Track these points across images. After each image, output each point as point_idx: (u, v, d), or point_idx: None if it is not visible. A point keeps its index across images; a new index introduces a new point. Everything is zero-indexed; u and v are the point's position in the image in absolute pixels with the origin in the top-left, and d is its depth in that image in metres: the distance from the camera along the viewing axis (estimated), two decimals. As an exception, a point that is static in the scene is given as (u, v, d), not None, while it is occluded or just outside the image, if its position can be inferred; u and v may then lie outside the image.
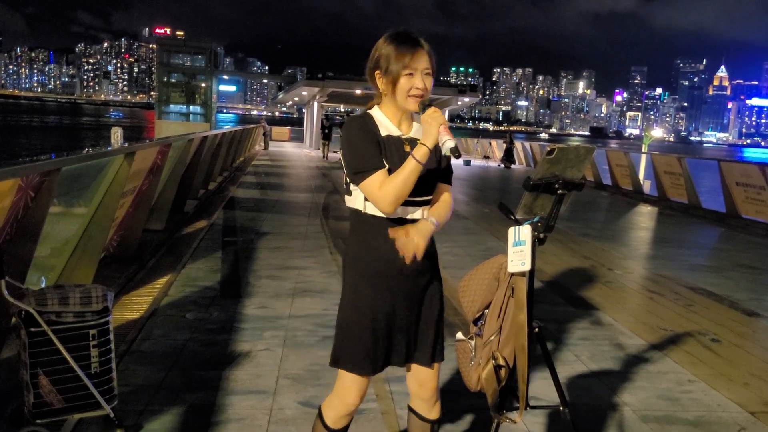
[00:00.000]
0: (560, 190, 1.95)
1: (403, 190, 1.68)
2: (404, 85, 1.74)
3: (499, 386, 1.99)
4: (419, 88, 1.74)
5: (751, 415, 2.96)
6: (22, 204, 2.86)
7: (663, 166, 12.56)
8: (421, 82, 1.74)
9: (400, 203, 1.71)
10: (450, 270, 5.48)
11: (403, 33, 1.78)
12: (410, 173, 1.67)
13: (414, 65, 1.73)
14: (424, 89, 1.75)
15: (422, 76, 1.75)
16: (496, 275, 2.03)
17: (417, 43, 1.75)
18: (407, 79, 1.74)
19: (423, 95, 1.75)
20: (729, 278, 5.91)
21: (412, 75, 1.74)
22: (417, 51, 1.74)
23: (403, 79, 1.74)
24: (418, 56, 1.74)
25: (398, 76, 1.73)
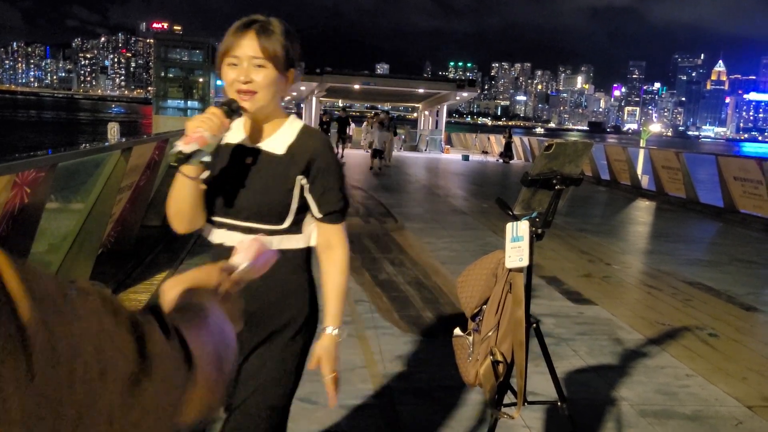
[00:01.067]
0: (558, 185, 1.94)
1: (175, 206, 1.40)
2: (226, 77, 1.40)
3: (497, 382, 1.99)
4: (241, 82, 1.37)
5: (749, 409, 2.97)
6: (18, 200, 2.84)
7: (661, 161, 12.56)
8: (245, 74, 1.37)
9: (183, 221, 1.43)
10: (448, 265, 5.48)
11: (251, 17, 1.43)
12: (177, 187, 1.38)
13: (237, 52, 1.38)
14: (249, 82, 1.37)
15: (251, 66, 1.37)
16: (494, 271, 2.03)
17: (248, 26, 1.40)
18: (228, 70, 1.39)
19: (252, 92, 1.37)
20: (727, 273, 5.91)
21: (234, 65, 1.38)
22: (244, 35, 1.38)
23: (224, 68, 1.40)
24: (245, 40, 1.37)
25: (220, 64, 1.41)
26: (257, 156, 1.45)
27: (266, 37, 1.38)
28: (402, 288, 4.74)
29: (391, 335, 3.70)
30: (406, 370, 3.21)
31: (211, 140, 1.29)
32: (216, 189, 1.44)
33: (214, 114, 1.31)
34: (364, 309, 4.17)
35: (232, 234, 1.44)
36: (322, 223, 1.51)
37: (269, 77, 1.38)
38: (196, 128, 1.28)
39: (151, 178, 5.72)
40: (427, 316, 4.08)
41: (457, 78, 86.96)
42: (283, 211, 1.44)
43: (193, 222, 1.45)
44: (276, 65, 1.38)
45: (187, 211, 1.42)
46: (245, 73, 1.37)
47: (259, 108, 1.41)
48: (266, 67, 1.38)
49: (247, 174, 1.44)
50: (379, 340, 3.60)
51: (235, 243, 1.29)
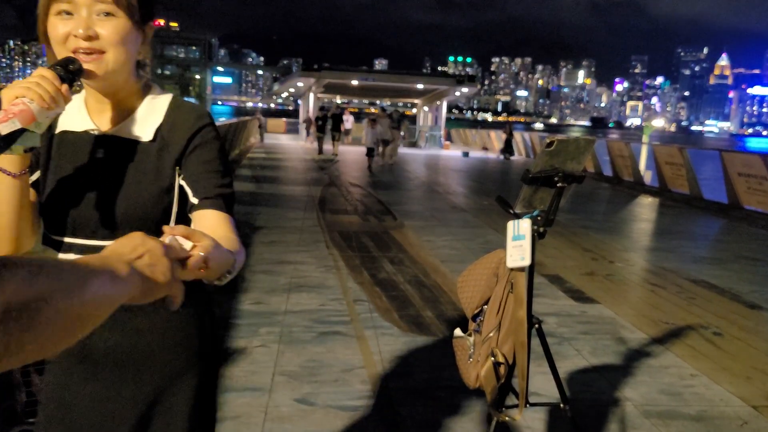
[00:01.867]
0: (560, 183, 1.89)
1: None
2: (55, 31, 0.97)
3: (498, 383, 1.94)
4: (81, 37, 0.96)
5: (754, 409, 2.92)
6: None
7: (664, 157, 12.49)
8: (85, 26, 0.96)
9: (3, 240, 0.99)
10: (448, 264, 5.44)
11: None
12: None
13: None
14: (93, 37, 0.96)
15: (91, 15, 0.97)
16: (495, 270, 1.98)
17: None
18: (59, 23, 0.97)
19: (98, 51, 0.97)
20: (731, 270, 5.86)
21: (69, 13, 0.97)
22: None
23: (51, 18, 0.98)
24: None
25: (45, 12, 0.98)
26: (114, 146, 1.05)
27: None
28: (401, 287, 4.69)
29: (390, 335, 3.66)
30: (406, 371, 3.17)
31: (39, 116, 0.86)
32: (58, 198, 1.04)
33: (43, 77, 0.88)
34: (363, 309, 4.12)
35: None
36: (202, 210, 1.06)
37: (122, 30, 0.98)
38: (17, 100, 0.86)
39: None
40: (427, 316, 4.04)
41: (456, 73, 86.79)
42: (161, 219, 1.05)
43: (19, 242, 1.00)
44: (130, 13, 0.99)
45: (7, 224, 0.97)
46: (86, 25, 0.95)
47: (109, 73, 0.99)
48: (116, 16, 0.98)
49: (102, 173, 1.04)
50: (379, 340, 3.55)
51: None
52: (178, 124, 1.08)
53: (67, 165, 1.05)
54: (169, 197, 1.06)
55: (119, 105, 1.07)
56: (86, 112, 1.08)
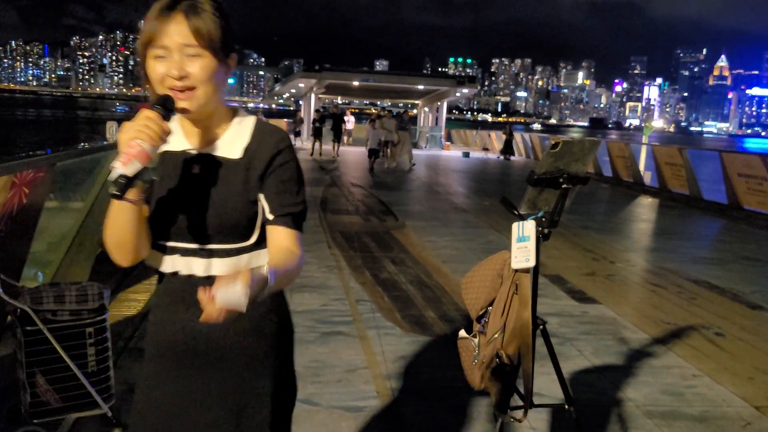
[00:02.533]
0: (565, 184, 1.90)
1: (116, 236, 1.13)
2: (154, 74, 1.12)
3: (503, 385, 1.95)
4: (174, 77, 1.10)
5: (756, 409, 2.93)
6: (17, 201, 2.81)
7: (664, 157, 12.50)
8: (177, 67, 1.10)
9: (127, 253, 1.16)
10: (450, 264, 5.45)
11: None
12: (113, 213, 1.11)
13: (164, 41, 1.10)
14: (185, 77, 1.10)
15: (182, 58, 1.10)
16: (500, 272, 1.99)
17: (172, 7, 1.11)
18: (156, 64, 1.11)
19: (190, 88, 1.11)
20: (732, 270, 5.87)
21: (163, 58, 1.11)
22: (169, 19, 1.10)
23: (150, 62, 1.12)
24: (171, 25, 1.10)
25: (143, 56, 1.13)
26: (208, 163, 1.19)
27: (197, 18, 1.10)
28: (403, 287, 4.70)
29: (393, 335, 3.67)
30: (409, 371, 3.18)
31: (152, 153, 1.03)
32: (162, 208, 1.18)
33: (149, 119, 1.04)
34: (365, 309, 4.13)
35: (189, 260, 1.19)
36: (275, 226, 1.19)
37: (208, 67, 1.12)
38: (132, 142, 1.01)
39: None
40: (429, 316, 4.05)
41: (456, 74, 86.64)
42: (248, 225, 1.19)
43: (140, 251, 1.17)
44: (214, 52, 1.12)
45: (132, 240, 1.13)
46: (178, 66, 1.10)
47: (201, 106, 1.14)
48: (203, 56, 1.11)
49: (198, 186, 1.18)
50: (381, 341, 3.56)
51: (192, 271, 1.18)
52: (263, 144, 1.21)
53: (169, 181, 1.19)
54: (254, 208, 1.20)
55: (211, 127, 1.21)
56: (182, 134, 1.22)
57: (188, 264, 1.19)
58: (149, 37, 1.11)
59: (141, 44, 1.12)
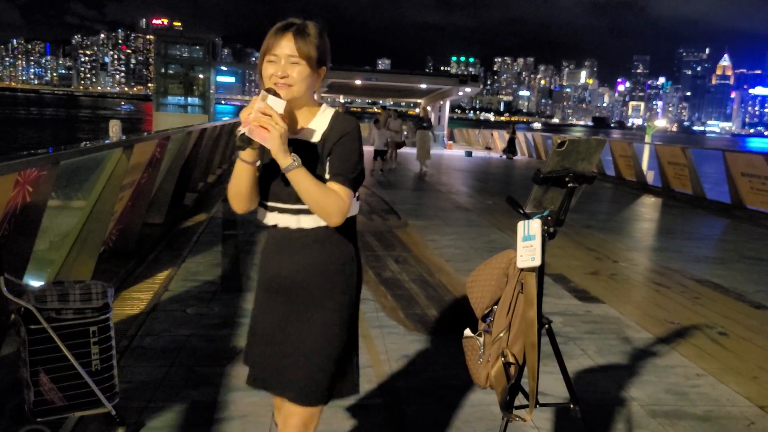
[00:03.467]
0: (571, 183, 1.89)
1: (235, 188, 1.59)
2: (265, 72, 1.59)
3: (508, 384, 1.95)
4: (278, 76, 1.56)
5: (761, 409, 2.92)
6: (20, 199, 2.81)
7: (667, 157, 12.48)
8: (282, 70, 1.56)
9: (241, 202, 1.62)
10: (454, 263, 5.44)
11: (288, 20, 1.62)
12: (236, 171, 1.58)
13: (275, 51, 1.58)
14: (286, 77, 1.56)
15: (287, 64, 1.56)
16: (505, 270, 1.98)
17: (286, 28, 1.59)
18: (268, 66, 1.59)
19: (288, 85, 1.57)
20: (735, 270, 5.86)
21: (273, 62, 1.58)
22: (282, 36, 1.58)
23: (264, 64, 1.59)
24: (283, 41, 1.57)
25: (261, 61, 1.61)
26: (297, 146, 1.58)
27: (302, 39, 1.57)
28: (406, 286, 4.70)
29: (396, 334, 3.66)
30: (412, 369, 3.17)
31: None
32: (267, 177, 1.63)
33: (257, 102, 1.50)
34: (369, 308, 4.13)
35: (284, 216, 1.63)
36: (330, 182, 1.58)
37: (303, 73, 1.58)
38: (248, 116, 1.48)
39: (152, 175, 5.68)
40: (432, 315, 4.04)
41: (459, 73, 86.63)
42: None
43: (250, 203, 1.64)
44: (309, 63, 1.58)
45: (245, 193, 1.60)
46: (282, 69, 1.56)
47: (293, 98, 1.58)
48: (300, 65, 1.57)
49: None
50: (385, 339, 3.56)
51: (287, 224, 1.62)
52: (335, 128, 1.63)
53: (270, 157, 1.55)
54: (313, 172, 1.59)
55: (300, 118, 1.66)
56: None
57: (284, 219, 1.63)
58: (267, 47, 1.58)
59: (261, 52, 1.61)
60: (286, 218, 1.62)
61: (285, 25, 1.58)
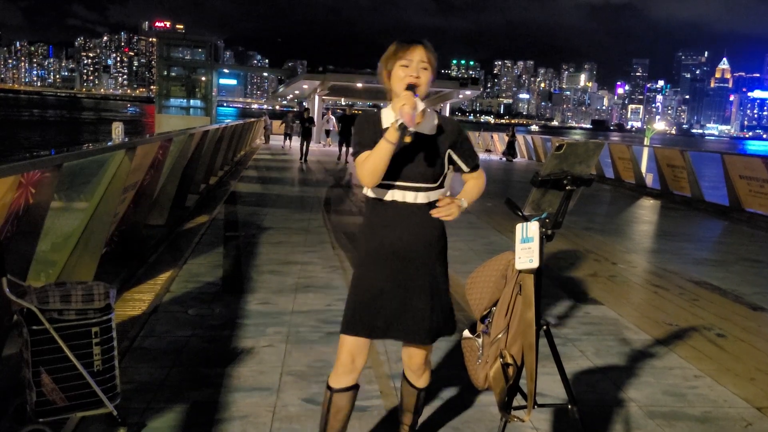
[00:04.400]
0: (569, 185, 1.91)
1: (375, 166, 1.87)
2: (399, 74, 1.93)
3: (507, 385, 1.97)
4: (412, 77, 1.90)
5: (758, 410, 2.94)
6: (23, 201, 2.83)
7: (666, 159, 12.51)
8: (416, 71, 1.91)
9: (375, 178, 1.90)
10: (453, 265, 5.41)
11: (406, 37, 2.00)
12: (380, 150, 1.85)
13: (409, 57, 1.93)
14: (418, 77, 1.90)
15: (418, 68, 1.92)
16: (504, 272, 2.01)
17: (414, 40, 1.96)
18: (402, 69, 1.93)
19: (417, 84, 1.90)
20: (733, 272, 5.88)
21: (406, 66, 1.92)
22: (413, 46, 1.94)
23: (397, 69, 1.93)
24: (414, 50, 1.93)
25: (393, 66, 1.94)
26: (418, 137, 1.91)
27: (429, 51, 1.95)
28: (407, 288, 4.71)
29: (396, 336, 3.68)
30: (412, 371, 3.19)
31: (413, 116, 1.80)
32: (393, 160, 1.90)
33: (408, 96, 1.82)
34: (369, 309, 4.14)
35: (404, 192, 1.97)
36: (471, 173, 2.14)
37: (428, 76, 1.95)
38: (402, 108, 1.79)
39: (155, 177, 5.70)
40: (432, 316, 4.05)
41: (459, 76, 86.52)
42: (437, 175, 1.99)
43: (377, 180, 1.92)
44: (432, 70, 1.96)
45: (380, 170, 1.88)
46: (416, 71, 1.92)
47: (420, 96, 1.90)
48: (428, 70, 1.94)
49: (413, 149, 1.93)
50: (385, 341, 3.57)
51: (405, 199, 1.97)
52: (446, 126, 2.05)
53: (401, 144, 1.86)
54: (442, 163, 2.02)
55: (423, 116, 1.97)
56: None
57: (403, 195, 1.97)
58: (400, 53, 1.94)
59: (388, 57, 1.97)
60: (406, 195, 1.96)
61: (413, 39, 1.97)
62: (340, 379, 2.06)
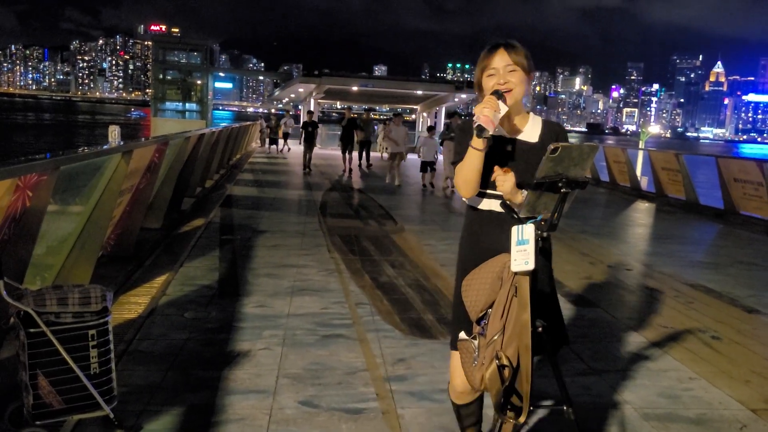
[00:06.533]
0: (564, 188, 1.93)
1: (467, 174, 1.87)
2: (488, 84, 1.92)
3: (502, 386, 1.98)
4: (500, 84, 1.89)
5: (753, 412, 2.96)
6: (20, 204, 2.83)
7: (660, 163, 12.56)
8: (503, 78, 1.90)
9: (470, 187, 1.90)
10: (450, 268, 5.47)
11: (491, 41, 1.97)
12: (468, 158, 1.85)
13: (493, 65, 1.91)
14: (507, 83, 1.89)
15: (505, 73, 1.90)
16: (500, 274, 2.02)
17: (497, 45, 1.93)
18: (488, 80, 1.92)
19: (509, 89, 1.88)
20: (728, 275, 5.91)
21: (493, 75, 1.92)
22: (495, 52, 1.92)
23: (486, 80, 1.94)
24: (495, 56, 1.92)
25: (479, 79, 1.96)
26: (516, 145, 1.92)
27: (513, 51, 1.90)
28: (402, 290, 4.72)
29: (392, 338, 3.69)
30: (408, 373, 3.20)
31: (494, 119, 1.79)
32: (488, 169, 1.88)
33: (490, 100, 1.80)
34: (365, 312, 4.16)
35: (496, 201, 1.94)
36: None
37: (520, 77, 1.90)
38: (483, 111, 1.77)
39: (151, 180, 5.70)
40: (428, 319, 4.07)
41: (455, 79, 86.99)
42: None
43: (474, 189, 1.91)
44: (523, 68, 1.90)
45: (473, 179, 1.87)
46: (503, 77, 1.89)
47: (515, 101, 1.91)
48: (517, 71, 1.90)
49: (509, 159, 1.92)
50: (381, 343, 3.59)
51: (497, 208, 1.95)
52: (550, 132, 1.99)
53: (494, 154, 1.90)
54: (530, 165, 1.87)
55: (518, 122, 1.99)
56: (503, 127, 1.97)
57: (491, 203, 1.95)
58: (484, 65, 1.93)
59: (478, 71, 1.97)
60: (497, 203, 1.95)
61: (494, 44, 1.93)
62: (465, 396, 2.17)
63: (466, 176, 1.88)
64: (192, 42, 48.29)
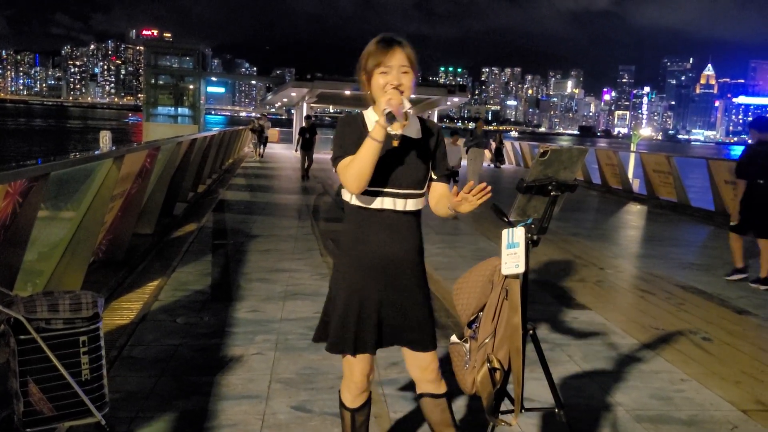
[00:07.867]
0: (553, 191, 1.95)
1: (362, 168, 1.76)
2: (379, 82, 1.83)
3: (494, 389, 1.99)
4: (393, 86, 1.81)
5: (743, 413, 2.98)
6: (10, 210, 2.82)
7: (652, 165, 12.64)
8: (396, 79, 1.82)
9: (362, 182, 1.79)
10: (442, 271, 5.48)
11: (384, 36, 1.88)
12: (366, 150, 1.75)
13: (388, 63, 1.82)
14: (400, 84, 1.82)
15: (398, 73, 1.82)
16: (490, 278, 2.03)
17: (392, 42, 1.84)
18: (382, 77, 1.83)
19: (401, 92, 1.81)
20: (719, 276, 5.95)
21: (386, 73, 1.82)
22: (392, 49, 1.83)
23: (377, 76, 1.84)
24: (393, 54, 1.82)
25: (371, 73, 1.85)
26: (405, 141, 1.86)
27: (408, 51, 1.84)
28: (396, 294, 4.72)
29: (386, 342, 3.68)
30: (401, 377, 3.20)
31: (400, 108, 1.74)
32: (380, 167, 1.81)
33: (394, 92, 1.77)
34: (359, 316, 4.15)
35: (394, 200, 1.88)
36: (436, 182, 1.98)
37: (411, 78, 1.85)
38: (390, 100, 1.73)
39: (142, 186, 5.68)
40: (421, 323, 4.07)
41: (447, 83, 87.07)
42: (424, 180, 1.92)
43: (364, 184, 1.81)
44: (414, 71, 1.85)
45: (366, 174, 1.77)
46: (396, 79, 1.82)
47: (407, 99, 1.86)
48: (409, 73, 1.84)
49: (397, 153, 1.86)
50: (374, 347, 3.58)
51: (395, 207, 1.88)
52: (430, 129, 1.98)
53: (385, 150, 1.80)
54: (427, 167, 1.94)
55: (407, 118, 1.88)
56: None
57: (393, 202, 1.88)
58: (378, 61, 1.83)
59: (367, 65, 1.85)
60: (396, 202, 1.87)
61: (388, 40, 1.85)
62: (356, 399, 2.13)
63: (361, 169, 1.77)
64: (184, 46, 48.26)
